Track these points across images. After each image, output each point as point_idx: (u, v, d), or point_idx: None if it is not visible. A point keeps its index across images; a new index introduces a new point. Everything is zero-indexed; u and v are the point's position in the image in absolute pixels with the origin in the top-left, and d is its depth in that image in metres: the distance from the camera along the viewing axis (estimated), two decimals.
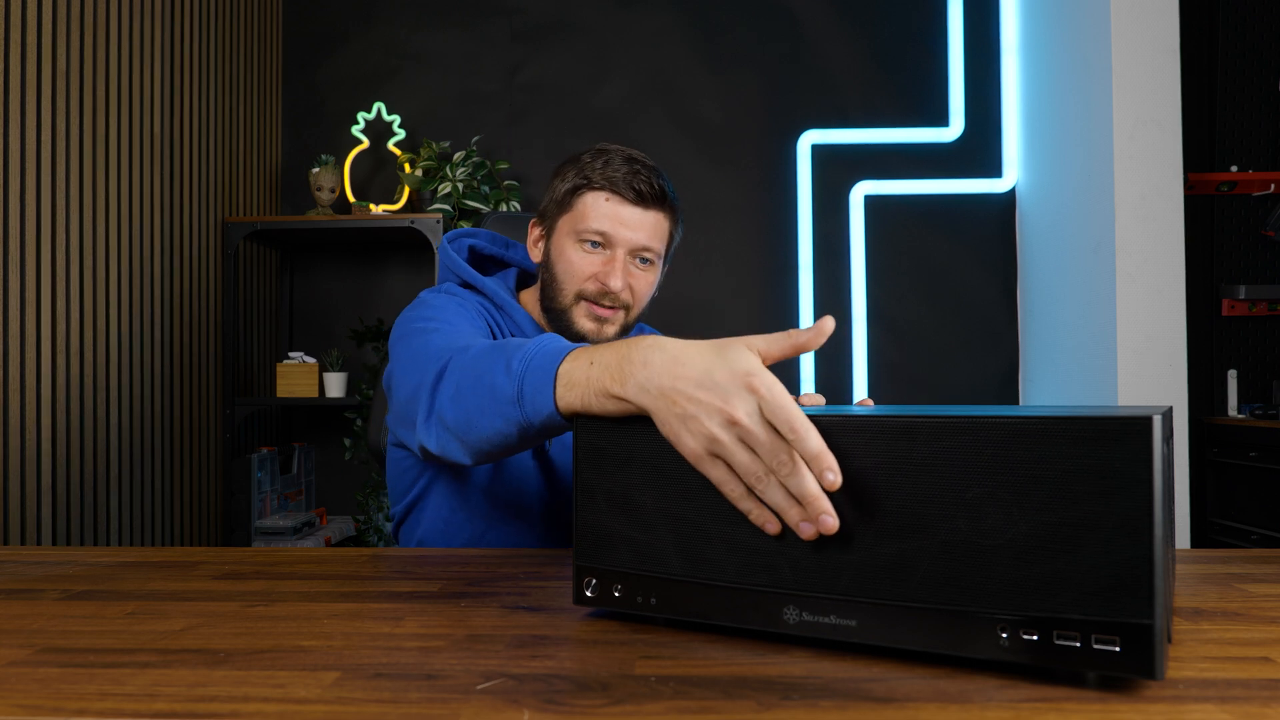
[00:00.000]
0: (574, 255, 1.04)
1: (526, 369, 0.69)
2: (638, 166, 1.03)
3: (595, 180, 1.03)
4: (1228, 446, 2.56)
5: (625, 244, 1.03)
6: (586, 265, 1.03)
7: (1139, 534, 0.45)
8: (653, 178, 1.03)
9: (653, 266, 1.07)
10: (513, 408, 0.69)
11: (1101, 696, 0.47)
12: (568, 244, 1.04)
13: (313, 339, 2.72)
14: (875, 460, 0.53)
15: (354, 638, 0.59)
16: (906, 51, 2.65)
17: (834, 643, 0.56)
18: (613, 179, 1.02)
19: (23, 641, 0.59)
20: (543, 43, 2.69)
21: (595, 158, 1.04)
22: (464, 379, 0.75)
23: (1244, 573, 0.80)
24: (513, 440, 0.72)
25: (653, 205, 1.04)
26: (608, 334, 1.05)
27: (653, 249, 1.05)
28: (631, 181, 1.02)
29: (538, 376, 0.67)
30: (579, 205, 1.04)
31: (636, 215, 1.02)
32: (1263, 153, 2.81)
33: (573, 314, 1.04)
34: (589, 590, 0.63)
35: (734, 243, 2.66)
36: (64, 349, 1.77)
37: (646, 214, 1.03)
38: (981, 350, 2.63)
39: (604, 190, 1.02)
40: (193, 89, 2.25)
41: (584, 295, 1.04)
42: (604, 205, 1.02)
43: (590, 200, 1.03)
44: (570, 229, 1.04)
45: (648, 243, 1.04)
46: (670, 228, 1.08)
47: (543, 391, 0.66)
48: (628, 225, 1.02)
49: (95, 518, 1.87)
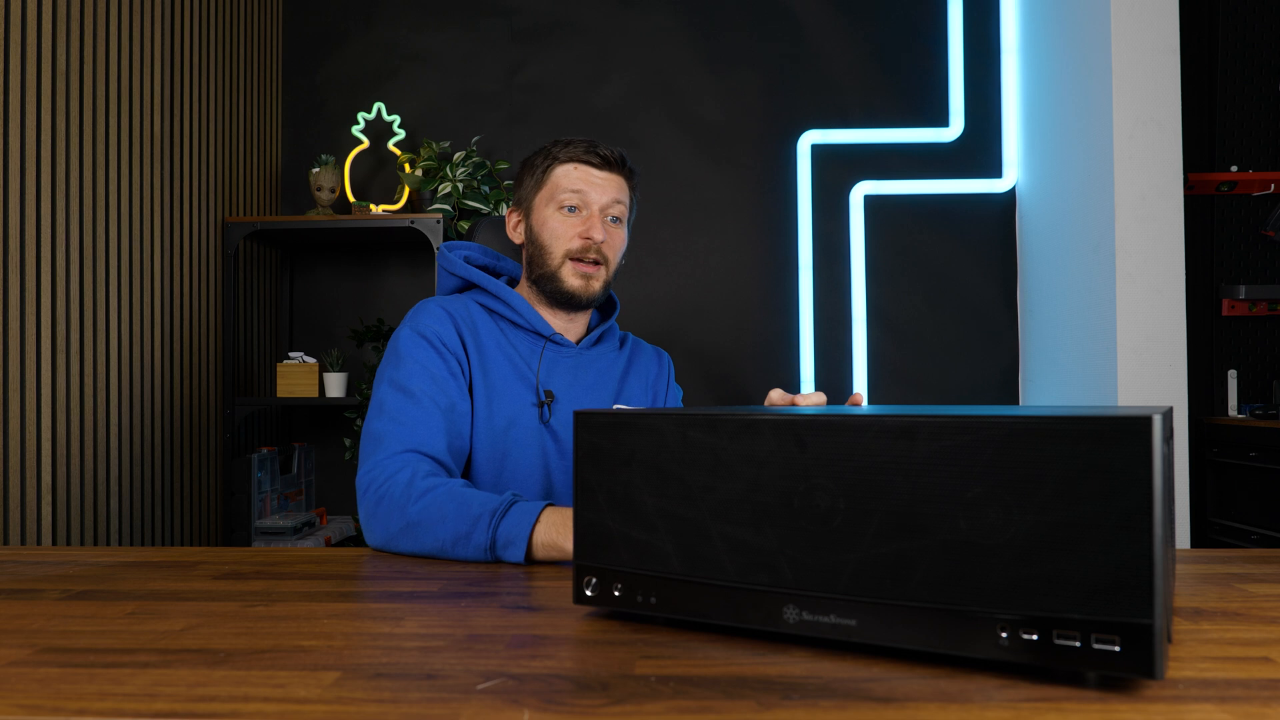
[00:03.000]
0: (555, 221, 1.16)
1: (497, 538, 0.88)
2: (595, 142, 1.19)
3: (562, 155, 1.17)
4: (1228, 446, 2.56)
5: (598, 202, 1.16)
6: (568, 226, 1.16)
7: (1139, 534, 0.45)
8: (612, 147, 1.19)
9: (621, 225, 1.20)
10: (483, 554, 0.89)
11: (1101, 696, 0.47)
12: (548, 213, 1.17)
13: (313, 339, 2.72)
14: (875, 460, 0.53)
15: (354, 638, 0.59)
16: (906, 51, 2.65)
17: (834, 642, 0.56)
18: (578, 150, 1.17)
19: (23, 641, 0.59)
20: (543, 43, 2.69)
21: (557, 142, 1.19)
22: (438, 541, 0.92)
23: (1244, 573, 0.80)
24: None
25: (615, 169, 1.18)
26: (594, 289, 1.17)
27: (622, 204, 1.19)
28: (594, 149, 1.17)
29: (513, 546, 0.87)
30: (552, 179, 1.17)
31: (603, 176, 1.17)
32: (1263, 153, 2.81)
33: (561, 274, 1.16)
34: (589, 590, 0.63)
35: (734, 243, 2.65)
36: (64, 349, 1.77)
37: (611, 175, 1.18)
38: (981, 350, 2.63)
39: (571, 161, 1.17)
40: (192, 89, 2.25)
41: (570, 254, 1.15)
42: (575, 172, 1.16)
43: (561, 171, 1.17)
44: (548, 199, 1.17)
45: (617, 197, 1.18)
46: (631, 192, 1.22)
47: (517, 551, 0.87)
48: (597, 186, 1.16)
49: (95, 518, 1.87)
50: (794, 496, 0.55)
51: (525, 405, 1.14)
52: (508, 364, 1.15)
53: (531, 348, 1.18)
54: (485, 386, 1.13)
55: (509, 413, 1.13)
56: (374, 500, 0.97)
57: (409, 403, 1.05)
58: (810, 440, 0.55)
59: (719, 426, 0.58)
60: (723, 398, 2.63)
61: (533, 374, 1.16)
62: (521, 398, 1.14)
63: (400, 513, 0.93)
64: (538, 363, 1.16)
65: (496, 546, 0.87)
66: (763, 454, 0.56)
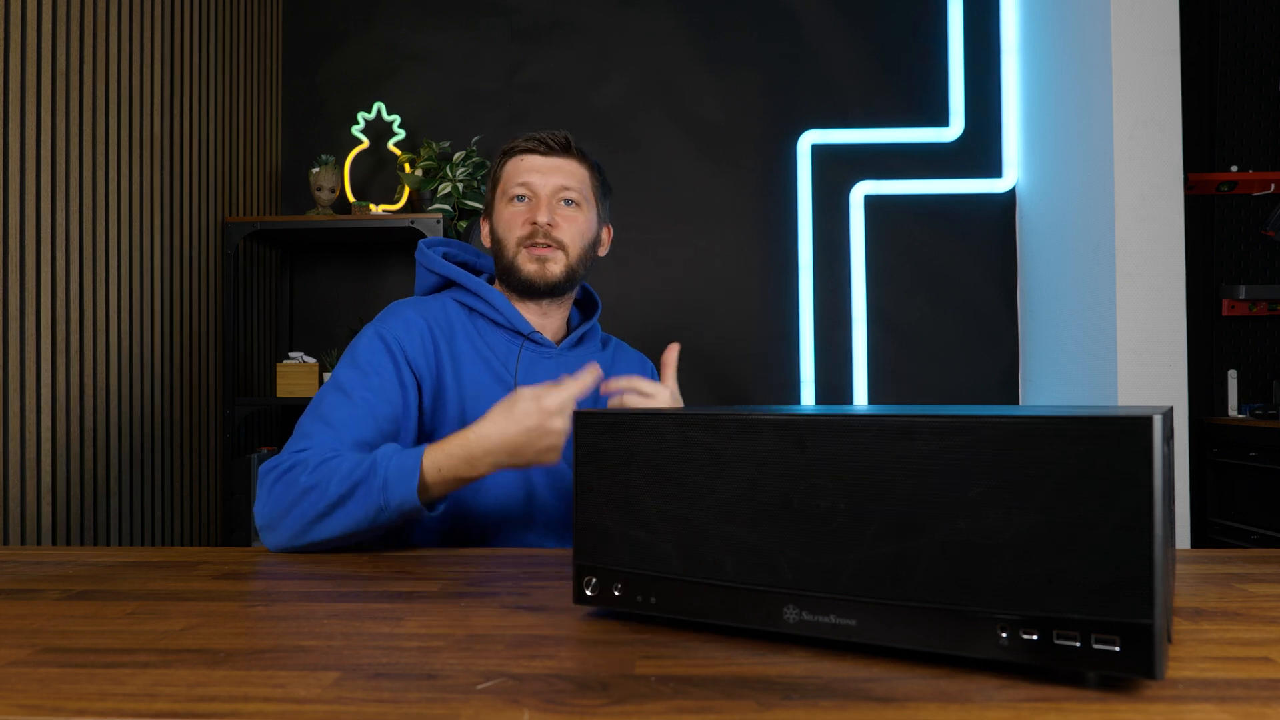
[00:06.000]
0: (508, 213, 1.18)
1: (387, 483, 0.90)
2: (544, 131, 1.19)
3: (508, 149, 1.20)
4: (1228, 446, 2.56)
5: (544, 186, 1.16)
6: (518, 215, 1.17)
7: (1139, 534, 0.45)
8: (557, 133, 1.19)
9: (580, 209, 1.19)
10: (380, 511, 0.91)
11: (1101, 696, 0.47)
12: (501, 207, 1.19)
13: (313, 339, 2.72)
14: (875, 460, 0.53)
15: (354, 638, 0.59)
16: (906, 51, 2.65)
17: (834, 642, 0.56)
18: (522, 142, 1.19)
19: (23, 641, 0.59)
20: (542, 42, 2.69)
21: (509, 140, 1.22)
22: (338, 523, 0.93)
23: (1244, 573, 0.80)
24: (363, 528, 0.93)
25: (561, 153, 1.18)
26: (552, 273, 1.16)
27: (572, 187, 1.18)
28: (538, 138, 1.18)
29: (401, 486, 0.90)
30: (503, 175, 1.20)
31: (548, 163, 1.17)
32: (1263, 153, 2.81)
33: (517, 262, 1.16)
34: (589, 590, 0.63)
35: (734, 243, 2.65)
36: (64, 349, 1.77)
37: (559, 160, 1.18)
38: (981, 350, 2.63)
39: (515, 154, 1.19)
40: (193, 89, 2.24)
41: (521, 241, 1.16)
42: (520, 163, 1.18)
43: (510, 165, 1.19)
44: (501, 195, 1.19)
45: (564, 182, 1.17)
46: (589, 175, 1.21)
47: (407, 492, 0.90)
48: (541, 171, 1.17)
49: (95, 518, 1.87)
50: (794, 496, 0.55)
51: None
52: (483, 366, 1.13)
53: (509, 347, 1.17)
54: (458, 390, 1.11)
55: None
56: (273, 479, 0.95)
57: (345, 404, 1.03)
58: (810, 440, 0.55)
59: (719, 426, 0.58)
60: (723, 398, 2.63)
61: (509, 375, 1.14)
62: (497, 401, 1.13)
63: (294, 485, 0.93)
64: (515, 363, 1.15)
65: (388, 486, 0.89)
66: (762, 454, 0.56)
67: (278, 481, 0.94)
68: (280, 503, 0.93)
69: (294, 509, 0.92)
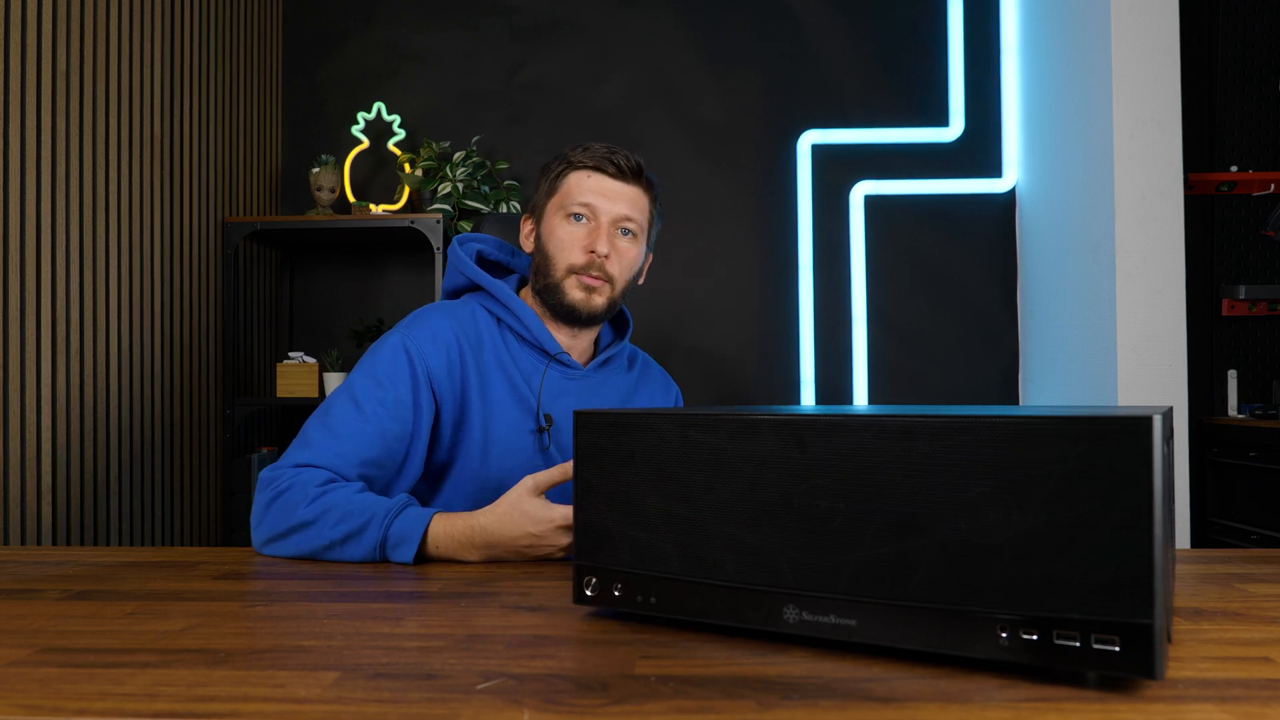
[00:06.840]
0: (562, 231, 1.11)
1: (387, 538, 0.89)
2: (616, 148, 1.13)
3: (577, 161, 1.12)
4: (1228, 446, 2.56)
5: (608, 213, 1.10)
6: (574, 237, 1.10)
7: (1139, 534, 0.45)
8: (630, 156, 1.13)
9: (635, 240, 1.14)
10: (370, 558, 0.89)
11: (1101, 696, 0.47)
12: (556, 222, 1.12)
13: (313, 339, 2.72)
14: (875, 460, 0.53)
15: (354, 638, 0.59)
16: (906, 51, 2.65)
17: (834, 642, 0.56)
18: (593, 158, 1.11)
19: (23, 641, 0.59)
20: (542, 42, 2.69)
21: (576, 147, 1.14)
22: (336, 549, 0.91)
23: (1244, 573, 0.80)
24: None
25: (631, 180, 1.12)
26: (596, 304, 1.11)
27: (634, 219, 1.12)
28: (610, 158, 1.11)
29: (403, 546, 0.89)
30: (564, 186, 1.12)
31: (616, 187, 1.11)
32: (1263, 153, 2.81)
33: (564, 287, 1.10)
34: (589, 589, 0.63)
35: (734, 243, 2.65)
36: (64, 349, 1.77)
37: (626, 187, 1.12)
38: (981, 350, 2.63)
39: (585, 169, 1.11)
40: (193, 89, 2.24)
41: (574, 269, 1.10)
42: (587, 181, 1.11)
43: (574, 179, 1.12)
44: (558, 207, 1.12)
45: (629, 212, 1.11)
46: (649, 205, 1.16)
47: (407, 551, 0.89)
48: (608, 196, 1.10)
49: (95, 518, 1.87)
50: (794, 496, 0.55)
51: (523, 431, 1.09)
52: (508, 385, 1.10)
53: (535, 365, 1.12)
54: (483, 411, 1.08)
55: (504, 439, 1.08)
56: (270, 496, 0.93)
57: (355, 417, 1.01)
58: (810, 440, 0.55)
59: (719, 426, 0.58)
60: (723, 398, 2.63)
61: (533, 396, 1.10)
62: (519, 423, 1.09)
63: (292, 513, 0.91)
64: (539, 383, 1.11)
65: (387, 545, 0.88)
66: (762, 454, 0.56)
67: (274, 502, 0.93)
68: (275, 528, 0.92)
69: (288, 538, 0.91)
